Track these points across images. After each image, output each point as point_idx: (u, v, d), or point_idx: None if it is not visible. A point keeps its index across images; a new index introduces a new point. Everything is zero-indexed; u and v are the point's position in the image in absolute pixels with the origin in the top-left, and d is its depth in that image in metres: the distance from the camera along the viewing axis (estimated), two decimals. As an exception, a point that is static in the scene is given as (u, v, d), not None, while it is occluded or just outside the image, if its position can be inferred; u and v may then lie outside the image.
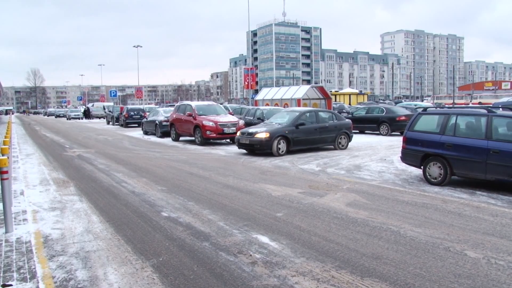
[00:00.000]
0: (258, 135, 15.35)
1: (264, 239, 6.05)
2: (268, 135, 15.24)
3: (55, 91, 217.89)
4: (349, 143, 17.99)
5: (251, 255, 5.42)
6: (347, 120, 18.70)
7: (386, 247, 5.70)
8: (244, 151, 16.65)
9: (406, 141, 10.73)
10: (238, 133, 16.63)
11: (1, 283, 4.53)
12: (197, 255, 5.44)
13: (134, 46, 76.05)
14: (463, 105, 27.36)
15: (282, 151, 15.51)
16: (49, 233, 6.49)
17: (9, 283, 4.57)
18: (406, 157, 10.82)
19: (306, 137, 16.28)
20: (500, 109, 10.75)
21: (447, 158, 9.74)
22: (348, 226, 6.68)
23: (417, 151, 10.40)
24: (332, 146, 17.42)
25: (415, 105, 34.80)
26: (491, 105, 12.44)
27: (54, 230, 6.64)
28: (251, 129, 16.07)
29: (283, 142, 15.58)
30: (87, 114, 59.66)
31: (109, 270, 4.99)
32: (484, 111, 9.64)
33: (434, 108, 12.07)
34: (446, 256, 5.38)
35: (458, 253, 5.47)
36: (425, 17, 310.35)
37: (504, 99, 15.18)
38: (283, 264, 5.11)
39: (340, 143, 17.46)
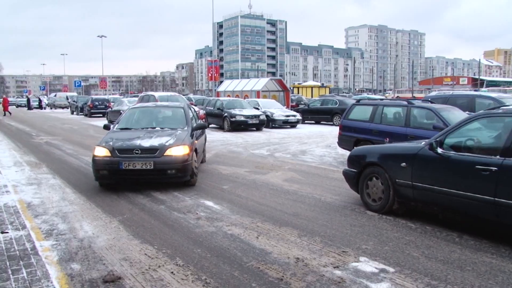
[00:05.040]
0: (174, 151, 8.41)
1: (209, 203, 7.51)
2: (188, 150, 8.62)
3: (14, 80, 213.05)
4: (297, 131, 19.38)
5: (197, 213, 6.87)
6: None
7: (305, 208, 7.23)
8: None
9: (342, 128, 12.34)
10: (102, 152, 8.46)
11: (0, 231, 5.83)
12: (154, 214, 6.86)
13: (98, 36, 75.98)
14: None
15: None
16: (31, 200, 7.75)
17: (6, 231, 5.87)
18: (342, 142, 12.43)
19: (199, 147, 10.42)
20: (429, 101, 12.47)
21: (374, 142, 11.32)
22: (280, 195, 8.20)
23: (350, 137, 12.00)
24: None
25: (368, 98, 36.76)
26: (416, 98, 14.16)
27: (34, 198, 7.91)
28: (146, 141, 8.61)
29: None
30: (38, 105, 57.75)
31: (84, 223, 6.35)
32: (405, 102, 11.31)
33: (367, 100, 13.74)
34: (350, 214, 6.94)
35: (361, 213, 7.02)
36: (393, 13, 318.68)
37: (433, 93, 17.01)
38: (221, 219, 6.59)
39: None
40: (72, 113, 43.56)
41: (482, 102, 14.13)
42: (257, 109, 24.03)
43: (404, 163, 6.50)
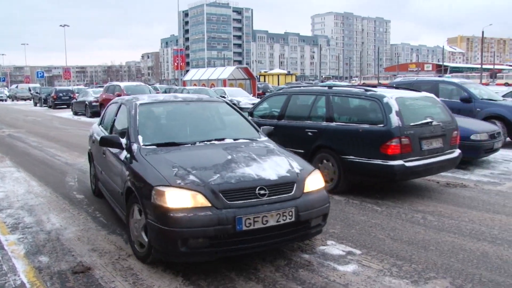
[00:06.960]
0: (312, 184, 4.66)
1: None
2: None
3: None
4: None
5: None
6: None
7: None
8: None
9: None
10: (186, 198, 4.02)
11: (-37, 226, 5.70)
12: (123, 204, 6.81)
13: (61, 26, 74.16)
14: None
15: None
16: (-6, 194, 7.60)
17: (-31, 226, 5.76)
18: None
19: None
20: (394, 87, 12.69)
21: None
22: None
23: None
24: None
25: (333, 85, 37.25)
26: (382, 84, 14.40)
27: (-2, 192, 7.75)
28: (258, 168, 4.50)
29: None
30: None
31: (51, 216, 6.27)
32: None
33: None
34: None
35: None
36: (360, 0, 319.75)
37: (398, 79, 17.47)
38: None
39: None
40: (35, 104, 42.50)
41: (445, 87, 14.43)
42: (224, 97, 23.99)
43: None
